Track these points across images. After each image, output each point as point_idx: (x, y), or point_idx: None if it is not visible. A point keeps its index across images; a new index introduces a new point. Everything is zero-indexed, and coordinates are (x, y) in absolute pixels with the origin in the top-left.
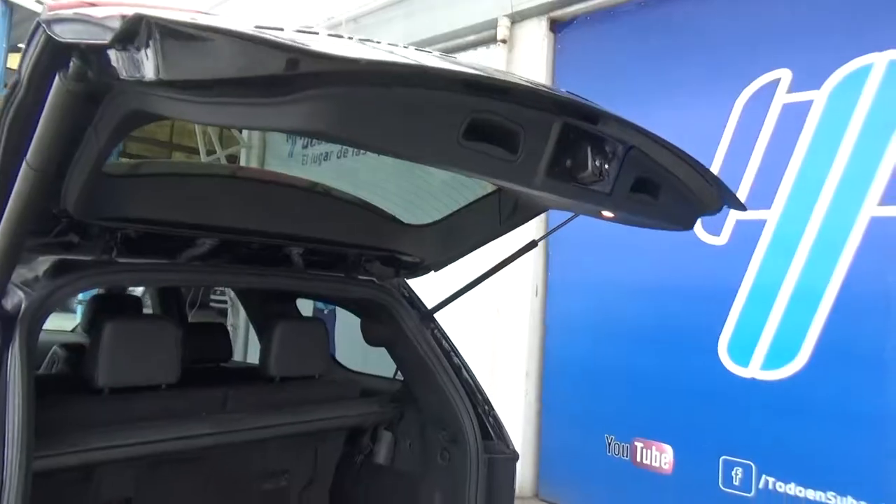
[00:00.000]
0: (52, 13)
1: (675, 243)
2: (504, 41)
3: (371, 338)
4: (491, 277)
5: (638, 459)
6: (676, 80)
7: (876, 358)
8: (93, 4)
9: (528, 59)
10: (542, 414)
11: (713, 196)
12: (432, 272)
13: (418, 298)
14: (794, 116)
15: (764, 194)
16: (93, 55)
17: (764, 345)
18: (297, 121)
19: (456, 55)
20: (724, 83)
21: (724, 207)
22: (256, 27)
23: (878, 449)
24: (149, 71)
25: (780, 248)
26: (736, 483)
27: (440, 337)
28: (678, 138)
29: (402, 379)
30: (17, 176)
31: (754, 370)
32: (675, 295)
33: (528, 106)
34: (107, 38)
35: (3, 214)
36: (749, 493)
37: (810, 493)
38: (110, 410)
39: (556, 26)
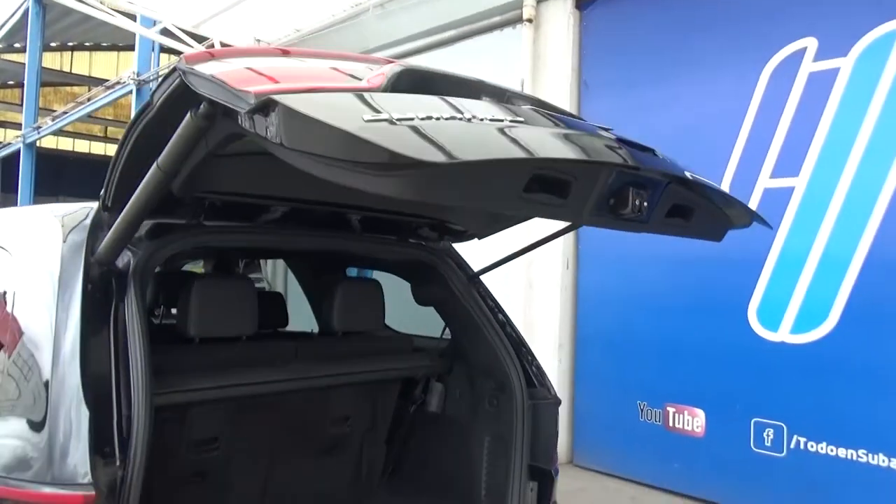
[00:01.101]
0: (188, 66)
1: None
2: (530, 20)
3: (421, 297)
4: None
5: (670, 424)
6: (703, 52)
7: None
8: (213, 56)
9: (554, 38)
10: (575, 383)
11: (742, 215)
12: (476, 239)
13: (465, 262)
14: (821, 84)
15: (791, 162)
16: (221, 106)
17: (793, 309)
18: (390, 189)
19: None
20: (751, 53)
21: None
22: (366, 120)
23: None
24: (272, 136)
25: (808, 215)
26: (767, 444)
27: (485, 296)
28: (706, 110)
29: (449, 337)
30: (142, 172)
31: (784, 334)
32: (704, 263)
33: (579, 162)
34: (240, 106)
35: (127, 200)
36: (781, 453)
37: (841, 452)
38: (201, 357)
39: (581, 4)
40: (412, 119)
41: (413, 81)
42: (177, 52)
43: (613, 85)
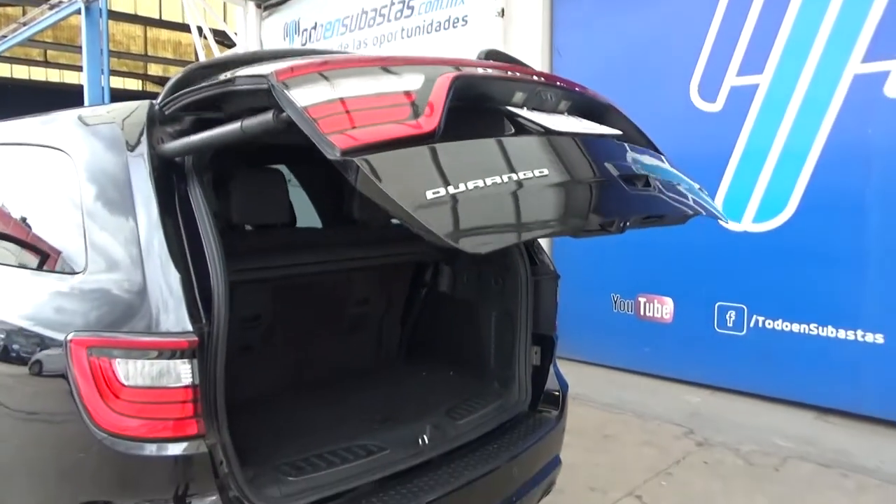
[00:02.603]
0: (279, 84)
1: (673, 113)
2: None
3: None
4: None
5: (642, 313)
6: None
7: (856, 206)
8: (294, 72)
9: None
10: None
11: (709, 211)
12: None
13: None
14: None
15: (757, 60)
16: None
17: (755, 200)
18: (433, 240)
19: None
20: None
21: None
22: (428, 199)
23: (853, 284)
24: (350, 176)
25: (770, 110)
26: (729, 325)
27: None
28: (677, 10)
29: None
30: (203, 109)
31: (747, 224)
32: (673, 161)
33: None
34: (326, 151)
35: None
36: (741, 331)
37: (795, 327)
38: (245, 243)
39: None
40: (463, 191)
41: (464, 94)
42: None
43: None
